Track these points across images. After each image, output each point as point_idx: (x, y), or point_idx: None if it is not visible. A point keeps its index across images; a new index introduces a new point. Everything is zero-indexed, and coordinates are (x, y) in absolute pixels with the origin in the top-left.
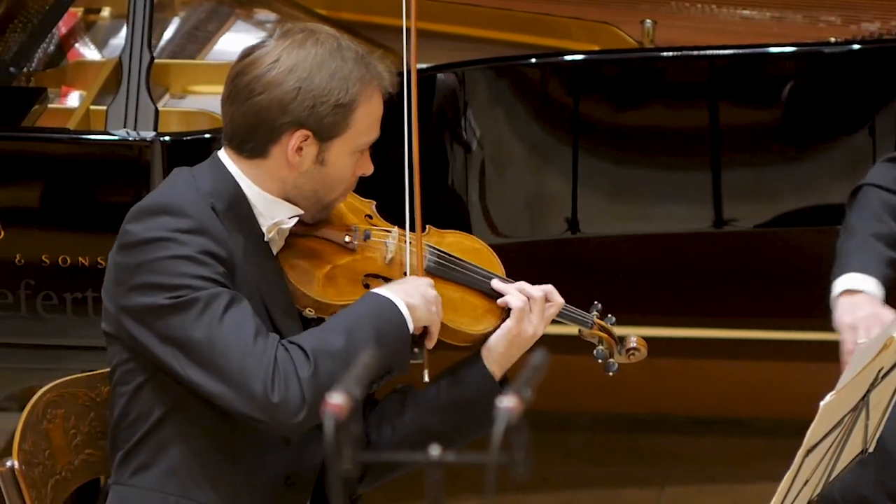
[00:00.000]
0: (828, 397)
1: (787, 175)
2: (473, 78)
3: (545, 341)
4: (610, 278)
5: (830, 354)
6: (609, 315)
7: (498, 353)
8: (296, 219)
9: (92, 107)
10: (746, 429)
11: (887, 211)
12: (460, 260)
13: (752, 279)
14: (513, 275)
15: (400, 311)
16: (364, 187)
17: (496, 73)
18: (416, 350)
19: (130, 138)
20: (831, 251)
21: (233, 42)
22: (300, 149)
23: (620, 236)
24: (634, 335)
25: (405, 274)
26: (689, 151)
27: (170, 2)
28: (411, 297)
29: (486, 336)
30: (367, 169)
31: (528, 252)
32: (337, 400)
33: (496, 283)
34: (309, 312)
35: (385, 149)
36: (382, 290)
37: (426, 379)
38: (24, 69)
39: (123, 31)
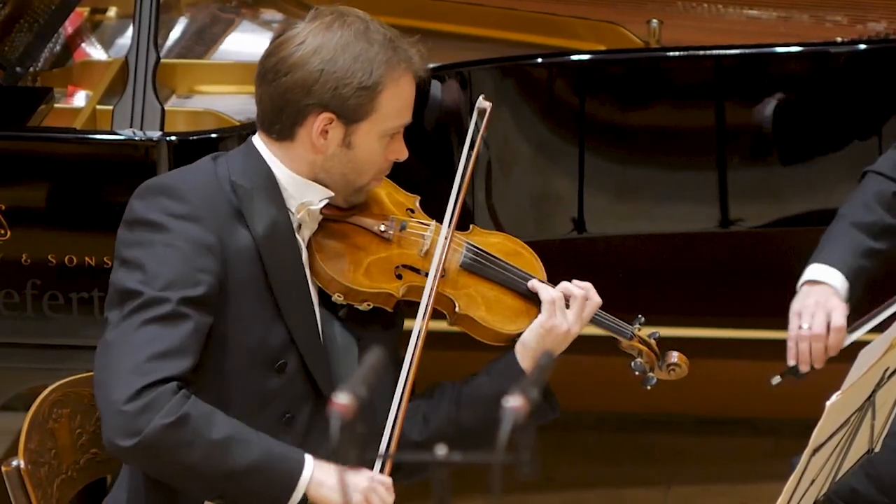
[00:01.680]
0: (834, 397)
1: (792, 175)
2: (480, 78)
3: None
4: (616, 278)
5: (837, 355)
6: (654, 331)
7: (531, 348)
8: (325, 201)
9: (98, 107)
10: (753, 428)
11: (879, 199)
12: (499, 259)
13: (758, 279)
14: None
15: (299, 471)
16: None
17: (502, 73)
18: None
19: (137, 138)
20: None
21: (239, 42)
22: (325, 131)
23: (627, 236)
24: (676, 352)
25: (443, 270)
26: (695, 151)
27: (176, 2)
28: (328, 475)
29: (520, 336)
30: (401, 153)
31: (535, 252)
32: (343, 400)
33: (533, 283)
34: (338, 298)
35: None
36: (314, 460)
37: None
38: (31, 69)
39: (130, 31)
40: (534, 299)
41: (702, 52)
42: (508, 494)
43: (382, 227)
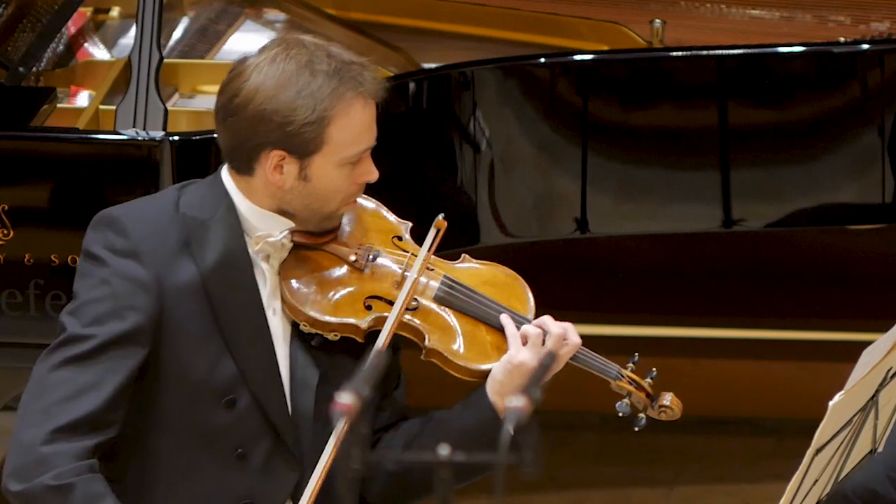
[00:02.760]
0: (837, 397)
1: (795, 175)
2: (483, 78)
3: None
4: (619, 278)
5: (840, 354)
6: (652, 369)
7: (497, 382)
8: (286, 233)
9: (101, 106)
10: (756, 428)
11: None
12: (475, 292)
13: (761, 279)
14: (523, 275)
15: None
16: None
17: (505, 73)
18: None
19: (140, 138)
20: (840, 250)
21: (242, 42)
22: (280, 167)
23: (629, 236)
24: (671, 394)
25: (416, 302)
26: (697, 151)
27: (179, 2)
28: None
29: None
30: (369, 176)
31: (538, 252)
32: (346, 400)
33: (503, 317)
34: (305, 327)
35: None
36: None
37: None
38: (34, 69)
39: (133, 31)
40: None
41: (704, 53)
42: (512, 494)
43: (353, 257)
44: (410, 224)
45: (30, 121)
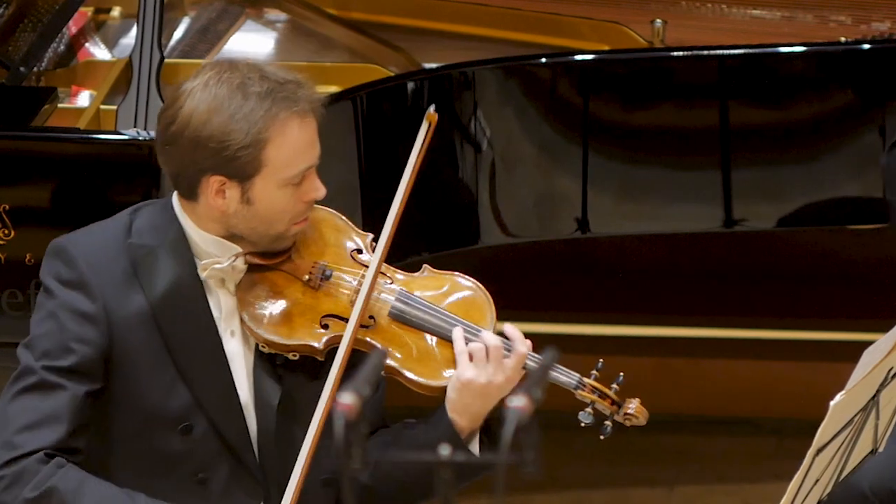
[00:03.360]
0: (838, 397)
1: (796, 175)
2: (484, 78)
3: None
4: (620, 278)
5: (841, 354)
6: (619, 374)
7: (451, 399)
8: (233, 259)
9: (102, 106)
10: (757, 428)
11: None
12: (431, 307)
13: (761, 279)
14: (524, 275)
15: None
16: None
17: (506, 73)
18: None
19: (140, 138)
20: (841, 250)
21: (242, 42)
22: (222, 192)
23: (631, 236)
24: (636, 400)
25: (372, 319)
26: (699, 151)
27: (179, 1)
28: None
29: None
30: (315, 193)
31: (539, 252)
32: (347, 400)
33: (454, 332)
34: (264, 348)
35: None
36: None
37: None
38: (35, 69)
39: (133, 31)
40: None
41: (706, 52)
42: (512, 494)
43: (307, 276)
44: (372, 235)
45: (31, 121)
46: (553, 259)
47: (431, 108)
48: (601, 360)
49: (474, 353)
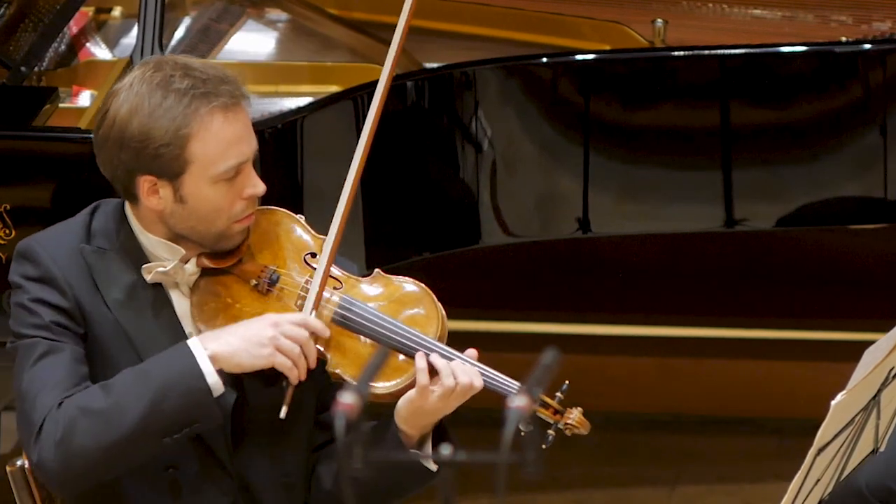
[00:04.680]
0: (839, 396)
1: (797, 175)
2: (484, 77)
3: (555, 341)
4: (621, 278)
5: (842, 354)
6: (564, 382)
7: (403, 416)
8: (178, 262)
9: None
10: (758, 428)
11: None
12: (374, 314)
13: (763, 278)
14: (525, 275)
15: (195, 363)
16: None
17: (507, 73)
18: (284, 384)
19: None
20: (842, 250)
21: (244, 42)
22: (155, 191)
23: (631, 236)
24: (578, 410)
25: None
26: (700, 151)
27: (181, 1)
28: (228, 344)
29: (398, 394)
30: (253, 190)
31: (540, 252)
32: (348, 399)
33: (418, 355)
34: None
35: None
36: (201, 338)
37: (282, 415)
38: (35, 68)
39: (134, 31)
40: (411, 357)
41: (706, 52)
42: (514, 494)
43: (255, 281)
44: (329, 238)
45: (31, 120)
46: (554, 259)
47: None
48: (567, 381)
49: (436, 373)
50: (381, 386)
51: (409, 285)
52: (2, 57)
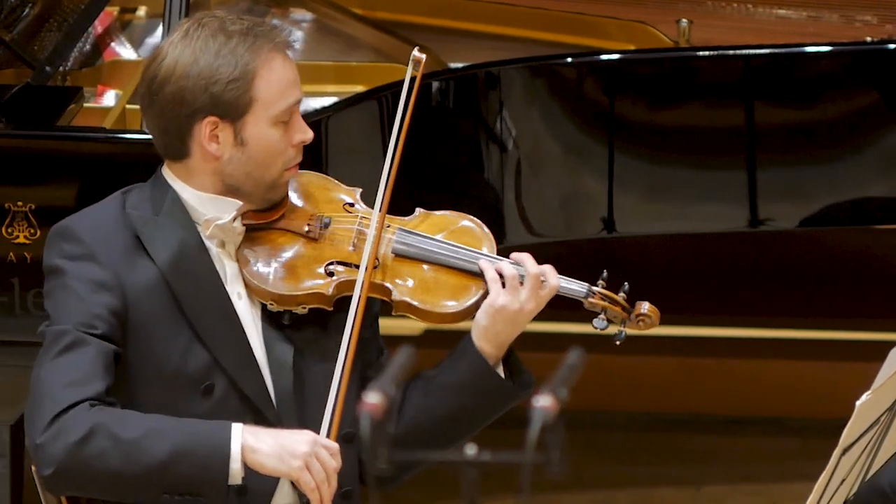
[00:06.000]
0: (864, 396)
1: (822, 175)
2: (510, 77)
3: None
4: (645, 277)
5: (866, 354)
6: (624, 283)
7: (482, 327)
8: (233, 213)
9: (128, 106)
10: (782, 428)
11: None
12: (432, 239)
13: (786, 279)
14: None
15: (227, 445)
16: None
17: (532, 73)
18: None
19: None
20: (866, 251)
21: None
22: (215, 136)
23: (656, 235)
24: (647, 302)
25: (376, 259)
26: (725, 151)
27: (205, 1)
28: (264, 442)
29: (467, 312)
30: (304, 136)
31: (564, 251)
32: (373, 399)
33: (481, 263)
34: (272, 306)
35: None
36: (244, 427)
37: None
38: (60, 68)
39: (159, 31)
40: (476, 274)
41: (731, 52)
42: (538, 494)
43: (306, 228)
44: (361, 189)
45: (56, 120)
46: (579, 259)
47: (416, 51)
48: (605, 270)
49: (507, 279)
50: (452, 305)
51: (453, 215)
52: (27, 56)
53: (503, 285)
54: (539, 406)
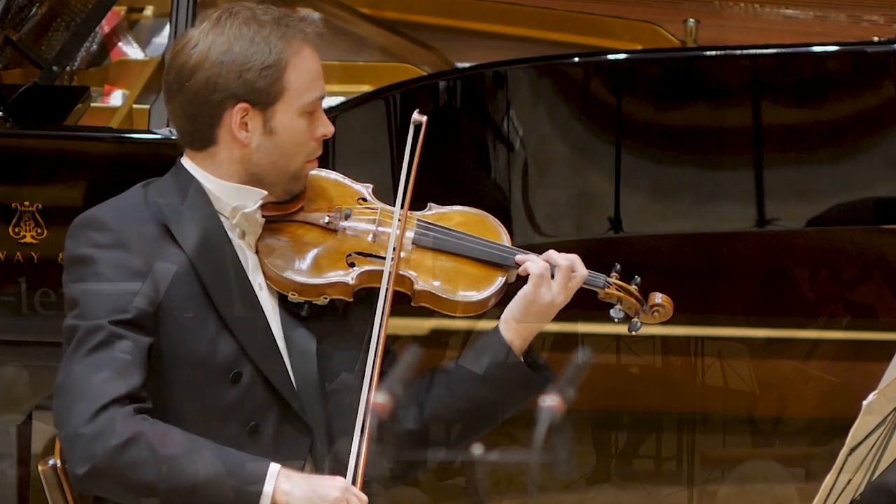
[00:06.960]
0: (871, 396)
1: (829, 174)
2: (516, 77)
3: (588, 341)
4: (654, 277)
5: (872, 354)
6: (636, 276)
7: (514, 319)
8: (260, 202)
9: (135, 106)
10: (789, 427)
11: None
12: (452, 230)
13: (791, 279)
14: None
15: (261, 482)
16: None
17: (539, 73)
18: None
19: (174, 137)
20: (873, 250)
21: None
22: (245, 123)
23: (663, 235)
24: (661, 294)
25: (394, 250)
26: (731, 150)
27: (213, 0)
28: (297, 485)
29: (486, 301)
30: (326, 129)
31: (571, 251)
32: (380, 399)
33: (519, 257)
34: (294, 296)
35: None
36: (280, 470)
37: None
38: (67, 68)
39: (166, 30)
40: (495, 264)
41: (738, 52)
42: (544, 493)
43: (327, 219)
44: (371, 185)
45: (63, 120)
46: (585, 259)
47: (417, 114)
48: (618, 263)
49: (543, 272)
50: (472, 294)
51: (465, 209)
52: (34, 56)
53: (540, 278)
54: (546, 406)
